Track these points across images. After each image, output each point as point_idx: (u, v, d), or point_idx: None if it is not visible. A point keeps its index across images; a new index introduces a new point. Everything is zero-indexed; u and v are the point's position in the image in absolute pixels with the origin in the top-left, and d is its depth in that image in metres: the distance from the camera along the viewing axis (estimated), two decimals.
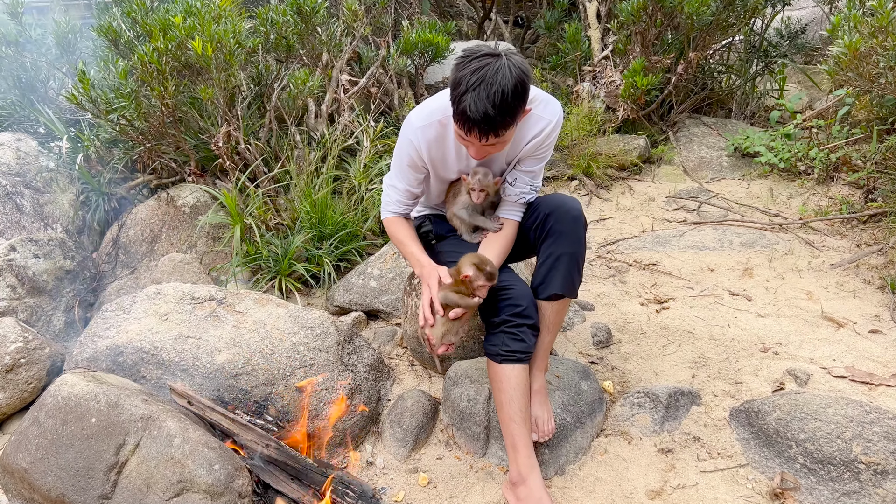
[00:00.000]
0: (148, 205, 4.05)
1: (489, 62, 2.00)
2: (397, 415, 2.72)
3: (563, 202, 2.45)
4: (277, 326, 2.85)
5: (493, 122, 2.02)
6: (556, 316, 2.51)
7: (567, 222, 2.41)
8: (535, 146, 2.42)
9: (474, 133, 2.07)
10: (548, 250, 2.44)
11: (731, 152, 5.06)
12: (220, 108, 3.78)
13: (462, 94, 2.02)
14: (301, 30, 3.98)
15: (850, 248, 3.87)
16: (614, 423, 2.70)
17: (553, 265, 2.42)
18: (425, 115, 2.39)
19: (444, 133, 2.40)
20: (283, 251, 3.62)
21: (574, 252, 2.41)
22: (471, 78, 2.00)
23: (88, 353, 2.77)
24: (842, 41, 3.56)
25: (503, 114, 2.02)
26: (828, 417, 2.42)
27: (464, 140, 2.19)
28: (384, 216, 2.69)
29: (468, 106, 2.00)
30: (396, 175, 2.57)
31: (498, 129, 2.06)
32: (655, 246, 4.08)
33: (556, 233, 2.42)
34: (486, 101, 1.98)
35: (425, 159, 2.45)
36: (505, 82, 1.97)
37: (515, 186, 2.51)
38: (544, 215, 2.46)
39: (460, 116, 2.06)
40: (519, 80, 2.00)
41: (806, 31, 6.24)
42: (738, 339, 3.15)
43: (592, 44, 5.58)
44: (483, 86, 1.98)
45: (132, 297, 3.01)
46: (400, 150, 2.49)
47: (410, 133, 2.41)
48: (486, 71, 1.99)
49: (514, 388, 2.35)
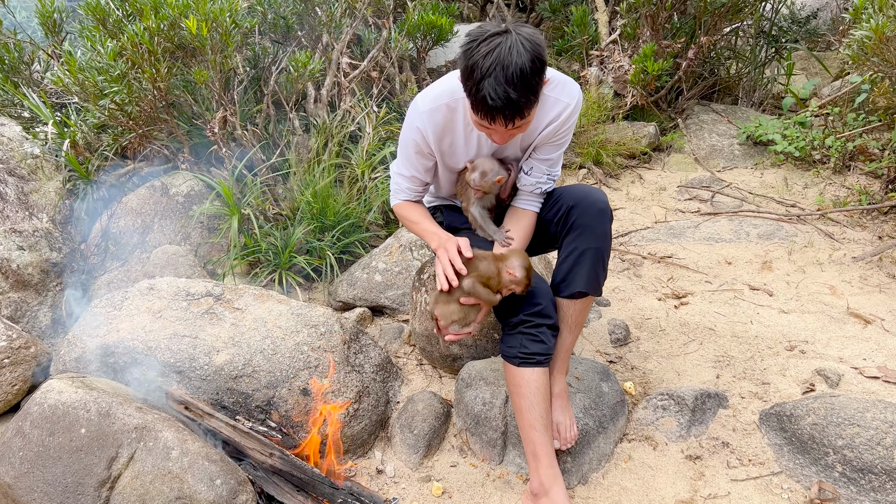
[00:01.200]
0: (139, 193, 3.85)
1: (500, 41, 1.83)
2: (408, 419, 2.57)
3: (587, 194, 2.28)
4: (279, 324, 2.68)
5: (517, 105, 1.86)
6: (579, 315, 2.36)
7: (592, 216, 2.24)
8: (553, 132, 2.24)
9: (499, 120, 1.90)
10: (571, 245, 2.28)
11: (742, 140, 4.90)
12: (215, 91, 3.59)
13: (479, 82, 1.84)
14: (300, 9, 3.78)
15: (871, 240, 3.73)
16: (638, 427, 2.56)
17: (577, 261, 2.26)
18: (431, 99, 2.22)
19: (451, 118, 2.23)
20: (283, 243, 3.44)
21: (599, 247, 2.25)
22: (484, 63, 1.82)
23: (77, 353, 2.60)
24: (867, 24, 3.40)
25: (526, 93, 1.86)
26: (866, 422, 2.28)
27: (486, 128, 2.02)
28: (393, 203, 2.55)
29: (488, 94, 1.83)
30: (403, 162, 2.42)
31: (523, 111, 1.89)
32: (669, 238, 3.93)
33: (579, 227, 2.26)
34: (507, 85, 1.82)
35: (433, 146, 2.29)
36: (521, 59, 1.81)
37: (531, 176, 2.35)
38: (567, 208, 2.29)
39: (481, 106, 1.88)
40: (535, 53, 1.84)
41: (817, 16, 6.07)
42: (762, 336, 3.00)
43: (599, 27, 5.39)
44: (499, 68, 1.81)
45: (123, 293, 2.84)
46: (406, 136, 2.33)
47: (416, 118, 2.25)
48: (499, 52, 1.81)
49: (534, 392, 2.20)
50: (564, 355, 2.38)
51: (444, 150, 2.33)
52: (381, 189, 3.81)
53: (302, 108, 4.17)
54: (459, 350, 2.77)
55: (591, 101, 4.88)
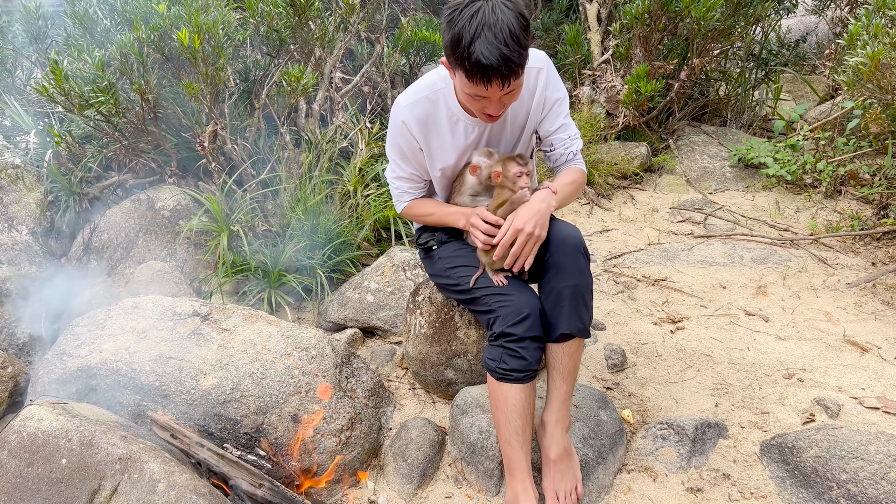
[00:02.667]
0: (123, 207, 3.74)
1: (481, 4, 1.85)
2: (401, 447, 2.48)
3: (558, 230, 2.23)
4: (269, 347, 2.60)
5: (511, 61, 1.86)
6: (569, 360, 2.24)
7: (566, 253, 2.19)
8: (541, 99, 2.27)
9: (496, 82, 1.89)
10: (549, 285, 2.22)
11: (734, 162, 4.90)
12: (205, 104, 3.51)
13: (469, 46, 1.85)
14: (294, 23, 3.72)
15: (865, 266, 3.72)
16: (637, 457, 2.50)
17: (556, 302, 2.19)
18: (411, 94, 2.26)
19: (433, 111, 2.24)
20: (273, 261, 3.36)
21: (577, 284, 2.17)
22: (470, 26, 1.84)
23: (57, 374, 2.50)
24: (863, 51, 3.40)
25: (518, 48, 1.86)
26: (870, 456, 2.24)
27: (480, 100, 2.01)
28: (401, 209, 2.52)
29: (481, 54, 1.83)
30: (398, 164, 2.41)
31: (518, 69, 1.90)
32: (663, 260, 3.90)
33: (554, 265, 2.20)
34: (498, 42, 1.83)
35: (419, 140, 2.27)
36: (507, 17, 1.84)
37: (556, 149, 2.37)
38: (541, 246, 2.23)
39: (476, 68, 1.87)
40: (518, 10, 1.88)
41: (806, 40, 6.13)
42: (760, 363, 2.97)
43: (592, 47, 5.39)
44: (487, 29, 1.83)
45: (106, 311, 2.74)
46: (392, 136, 2.32)
47: (399, 113, 2.26)
48: (482, 14, 1.84)
49: (511, 408, 2.15)
50: (561, 406, 2.25)
51: (431, 146, 2.30)
52: (374, 206, 3.74)
53: (293, 122, 4.09)
54: (454, 375, 2.70)
55: (584, 120, 4.86)
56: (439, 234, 2.54)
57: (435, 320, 2.69)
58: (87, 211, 3.83)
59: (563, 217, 4.50)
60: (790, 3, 5.37)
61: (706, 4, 4.46)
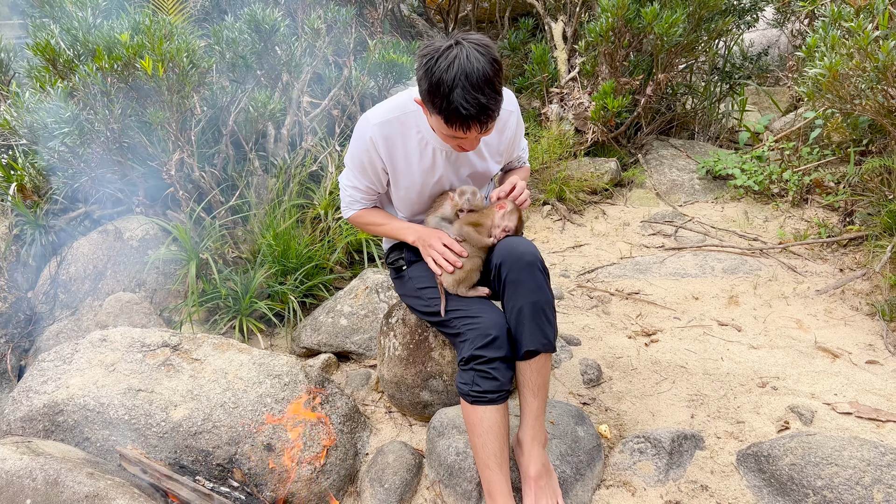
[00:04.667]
0: (91, 238, 3.68)
1: (455, 53, 1.91)
2: (378, 472, 2.45)
3: (512, 248, 2.22)
4: (240, 375, 2.56)
5: (488, 109, 1.93)
6: (538, 376, 2.23)
7: (521, 270, 2.18)
8: (512, 137, 2.45)
9: (474, 127, 1.96)
10: (509, 304, 2.22)
11: (702, 175, 4.97)
12: (171, 132, 3.48)
13: (447, 95, 1.90)
14: (259, 49, 3.71)
15: (833, 272, 3.78)
16: (615, 472, 2.49)
17: (518, 319, 2.18)
18: (383, 112, 2.26)
19: (403, 132, 2.26)
20: (244, 288, 3.32)
21: (536, 300, 2.17)
22: (448, 75, 1.88)
23: (23, 411, 2.44)
24: (821, 63, 3.48)
25: (494, 95, 1.94)
26: (844, 461, 2.25)
27: (459, 140, 2.06)
28: (348, 214, 2.53)
29: (460, 104, 1.89)
30: (356, 175, 2.41)
31: (494, 114, 1.97)
32: (636, 273, 3.92)
33: (512, 283, 2.19)
34: (476, 92, 1.89)
35: (384, 159, 2.28)
36: (481, 65, 1.90)
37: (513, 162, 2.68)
38: (497, 265, 2.24)
39: (456, 117, 1.93)
40: (491, 56, 1.94)
41: (768, 53, 6.25)
42: (734, 373, 2.98)
43: (559, 65, 5.45)
44: (464, 78, 1.88)
45: (74, 345, 2.68)
46: (357, 149, 2.32)
47: (367, 129, 2.26)
48: (458, 62, 1.89)
49: (487, 431, 2.14)
50: (535, 422, 2.23)
51: (396, 167, 2.31)
52: (345, 229, 3.72)
53: (262, 147, 4.08)
54: (430, 396, 2.68)
55: (553, 137, 4.90)
56: (407, 254, 2.54)
57: (409, 342, 2.67)
58: (53, 243, 3.77)
59: (536, 234, 4.52)
60: (751, 17, 5.49)
61: (668, 20, 4.54)
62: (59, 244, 3.76)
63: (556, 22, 5.64)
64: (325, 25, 3.99)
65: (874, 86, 3.37)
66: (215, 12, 4.83)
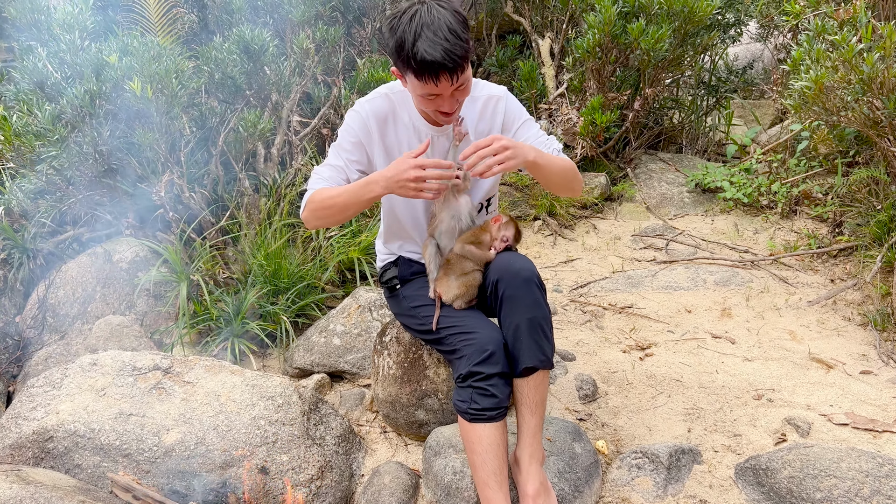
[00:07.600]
0: (79, 261, 3.65)
1: (418, 8, 1.96)
2: (374, 494, 2.42)
3: (509, 264, 2.22)
4: (233, 398, 2.53)
5: (454, 54, 1.93)
6: (536, 393, 2.22)
7: (518, 286, 2.17)
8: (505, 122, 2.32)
9: (444, 77, 1.96)
10: (506, 320, 2.21)
11: (691, 188, 4.99)
12: (160, 153, 3.46)
13: (412, 47, 1.93)
14: (248, 69, 3.71)
15: (824, 283, 3.79)
16: (613, 488, 2.47)
17: (515, 335, 2.18)
18: (370, 94, 2.30)
19: (393, 109, 2.26)
20: (235, 309, 3.29)
21: (533, 317, 2.16)
22: (411, 28, 1.94)
23: (12, 439, 2.40)
24: (807, 76, 3.51)
25: (459, 42, 1.95)
26: (842, 473, 2.25)
27: (433, 99, 2.04)
28: (307, 197, 2.24)
29: (425, 52, 1.91)
30: (333, 155, 2.30)
31: (462, 61, 1.97)
32: (628, 287, 3.92)
33: (509, 299, 2.19)
34: (439, 39, 1.92)
35: (374, 134, 2.24)
36: (444, 16, 1.95)
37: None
38: (493, 281, 2.23)
39: (422, 67, 1.94)
40: (453, 8, 1.99)
41: (753, 66, 6.32)
42: (729, 386, 2.98)
43: (547, 81, 5.48)
44: (427, 28, 1.92)
45: (63, 370, 2.65)
46: (344, 128, 2.28)
47: (358, 108, 2.27)
48: (420, 16, 1.94)
49: (486, 449, 2.12)
50: (532, 440, 2.22)
51: (386, 143, 2.27)
52: (337, 248, 3.71)
53: (252, 167, 4.06)
54: (426, 415, 2.65)
55: None
56: (401, 271, 2.53)
57: (403, 360, 2.65)
58: (41, 267, 3.73)
59: (528, 249, 4.52)
60: (735, 31, 5.55)
61: (655, 35, 4.58)
62: (47, 268, 3.72)
63: (543, 39, 5.67)
64: (314, 45, 4.00)
65: (859, 98, 3.40)
66: (203, 33, 4.83)
